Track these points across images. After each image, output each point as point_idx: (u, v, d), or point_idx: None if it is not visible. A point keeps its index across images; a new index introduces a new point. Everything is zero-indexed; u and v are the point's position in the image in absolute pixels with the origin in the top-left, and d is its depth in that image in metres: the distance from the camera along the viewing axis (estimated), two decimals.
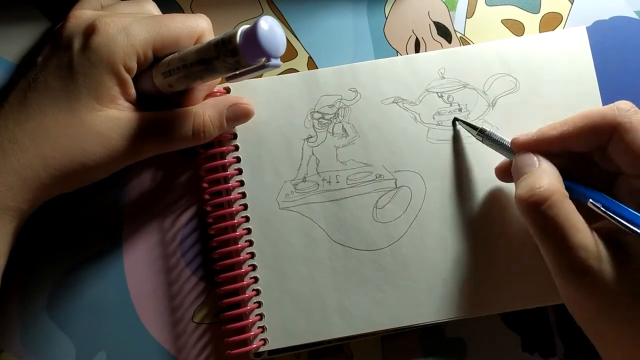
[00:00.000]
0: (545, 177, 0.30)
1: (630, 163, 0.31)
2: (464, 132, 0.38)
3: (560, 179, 0.31)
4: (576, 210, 0.29)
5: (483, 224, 0.37)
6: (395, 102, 0.38)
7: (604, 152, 0.32)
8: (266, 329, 0.36)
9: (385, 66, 0.38)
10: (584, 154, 0.33)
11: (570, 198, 0.30)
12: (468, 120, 0.37)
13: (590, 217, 0.30)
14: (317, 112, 0.38)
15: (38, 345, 0.36)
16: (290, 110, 0.38)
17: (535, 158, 0.32)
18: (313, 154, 0.37)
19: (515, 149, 0.34)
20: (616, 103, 0.32)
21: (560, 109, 0.38)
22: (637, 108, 0.31)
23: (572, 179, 0.32)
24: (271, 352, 0.36)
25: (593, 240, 0.29)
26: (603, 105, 0.38)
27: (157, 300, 0.37)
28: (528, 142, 0.33)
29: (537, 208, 0.29)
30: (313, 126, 0.38)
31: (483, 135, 0.35)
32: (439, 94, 0.38)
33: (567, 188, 0.31)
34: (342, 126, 0.38)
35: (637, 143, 0.30)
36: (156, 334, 0.37)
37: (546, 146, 0.32)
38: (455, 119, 0.37)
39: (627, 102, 0.32)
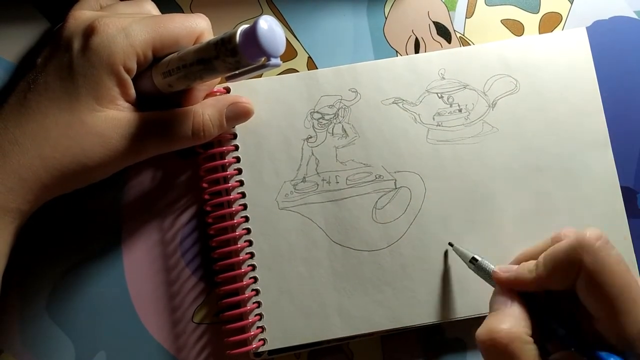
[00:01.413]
0: (508, 321, 0.29)
1: (592, 305, 0.28)
2: (464, 132, 0.38)
3: (526, 323, 0.29)
4: (536, 356, 0.28)
5: (482, 224, 0.37)
6: (395, 103, 0.38)
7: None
8: (266, 329, 0.36)
9: (385, 66, 0.38)
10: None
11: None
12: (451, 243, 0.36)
13: None
14: (317, 112, 0.38)
15: (38, 345, 0.37)
16: (290, 110, 0.38)
17: (509, 299, 0.31)
18: (313, 154, 0.37)
19: (496, 282, 0.32)
20: (583, 235, 0.29)
21: (560, 110, 0.38)
22: (605, 240, 0.29)
23: (558, 316, 0.30)
24: (271, 352, 0.36)
25: None
26: (602, 105, 0.38)
27: (157, 300, 0.37)
28: (506, 281, 0.31)
29: (494, 353, 0.28)
30: (313, 126, 0.38)
31: (475, 264, 0.34)
32: (439, 95, 0.38)
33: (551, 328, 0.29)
34: (342, 126, 0.38)
35: (598, 284, 0.28)
36: (156, 333, 0.37)
37: (523, 287, 0.31)
38: (450, 244, 0.36)
39: (595, 232, 0.29)
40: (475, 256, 0.34)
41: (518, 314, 0.30)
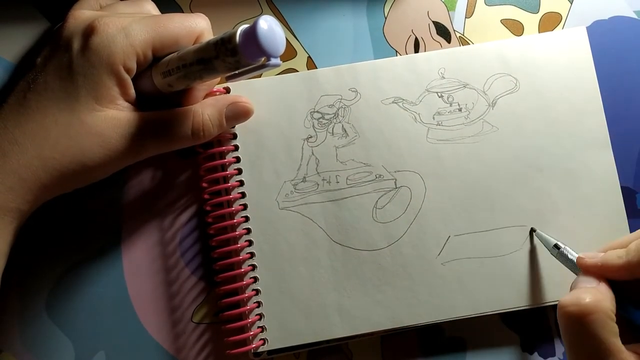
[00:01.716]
0: (595, 295, 0.29)
1: None
2: (464, 132, 0.38)
3: (613, 302, 0.29)
4: (618, 336, 0.28)
5: (482, 224, 0.37)
6: (395, 102, 0.38)
7: None
8: (266, 328, 0.36)
9: (385, 66, 0.38)
10: None
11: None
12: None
13: None
14: (317, 112, 0.38)
15: (37, 345, 0.36)
16: (290, 110, 0.38)
17: (596, 280, 0.30)
18: (313, 154, 0.37)
19: (581, 268, 0.32)
20: None
21: (560, 109, 0.38)
22: None
23: None
24: (270, 352, 0.36)
25: None
26: (602, 105, 0.38)
27: (157, 299, 0.37)
28: (593, 267, 0.31)
29: (577, 320, 0.28)
30: (313, 126, 0.38)
31: (557, 250, 0.34)
32: (439, 94, 0.38)
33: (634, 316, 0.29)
34: (342, 126, 0.38)
35: None
36: (155, 333, 0.37)
37: (611, 274, 0.30)
38: (532, 230, 0.37)
39: None
40: (558, 243, 0.34)
41: (605, 291, 0.29)
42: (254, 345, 0.35)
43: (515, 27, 0.40)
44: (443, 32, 0.40)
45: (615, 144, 0.38)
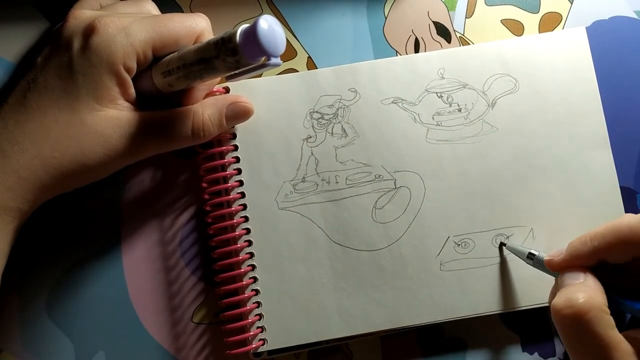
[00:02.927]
0: (585, 291, 0.29)
1: None
2: (464, 132, 0.38)
3: (603, 295, 0.29)
4: (615, 328, 0.28)
5: (482, 224, 0.37)
6: (395, 103, 0.38)
7: None
8: (265, 329, 0.36)
9: (385, 66, 0.38)
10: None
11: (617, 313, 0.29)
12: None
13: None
14: (317, 112, 0.38)
15: (37, 344, 0.37)
16: (290, 110, 0.38)
17: (581, 273, 0.31)
18: (312, 154, 0.37)
19: (553, 270, 0.32)
20: None
21: (560, 110, 0.38)
22: None
23: (623, 290, 0.30)
24: (270, 352, 0.36)
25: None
26: (602, 105, 0.38)
27: (157, 300, 0.37)
28: (563, 263, 0.31)
29: (573, 322, 0.28)
30: (312, 126, 0.38)
31: (532, 259, 0.34)
32: (439, 94, 0.38)
33: (618, 303, 0.30)
34: (342, 126, 0.38)
35: None
36: (155, 333, 0.37)
37: (580, 263, 0.31)
38: (502, 244, 0.36)
39: None
40: (532, 251, 0.34)
41: (593, 284, 0.30)
42: (253, 346, 0.35)
43: (515, 27, 0.40)
44: (443, 32, 0.40)
45: (615, 144, 0.38)
